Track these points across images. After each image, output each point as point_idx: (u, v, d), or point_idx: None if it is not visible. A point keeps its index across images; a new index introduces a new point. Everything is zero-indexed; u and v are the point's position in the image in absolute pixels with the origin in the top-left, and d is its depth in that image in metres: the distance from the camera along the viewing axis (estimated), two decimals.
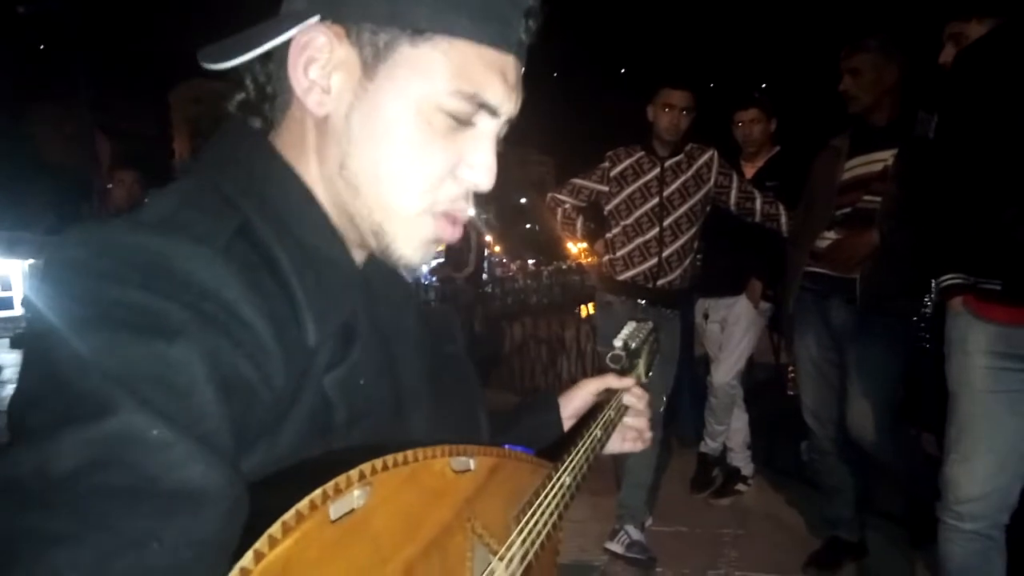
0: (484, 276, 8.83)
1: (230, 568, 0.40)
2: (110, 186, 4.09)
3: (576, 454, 0.80)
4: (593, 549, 2.77)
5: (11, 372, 8.47)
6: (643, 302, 2.82)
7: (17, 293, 19.87)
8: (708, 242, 3.13)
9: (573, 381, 3.43)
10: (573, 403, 0.98)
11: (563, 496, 0.75)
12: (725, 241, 3.11)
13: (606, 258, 2.91)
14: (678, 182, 2.80)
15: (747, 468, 3.51)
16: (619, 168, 2.86)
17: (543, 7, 0.64)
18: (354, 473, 0.48)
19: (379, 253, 0.64)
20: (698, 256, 3.00)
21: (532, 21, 0.63)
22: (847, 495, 2.65)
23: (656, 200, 2.81)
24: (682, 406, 3.68)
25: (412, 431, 0.64)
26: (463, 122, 0.61)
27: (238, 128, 0.64)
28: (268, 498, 0.44)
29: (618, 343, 1.11)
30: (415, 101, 0.59)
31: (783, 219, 2.88)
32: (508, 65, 0.62)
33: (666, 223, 2.81)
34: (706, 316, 3.35)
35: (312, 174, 0.62)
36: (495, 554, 0.61)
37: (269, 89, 0.63)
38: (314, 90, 0.60)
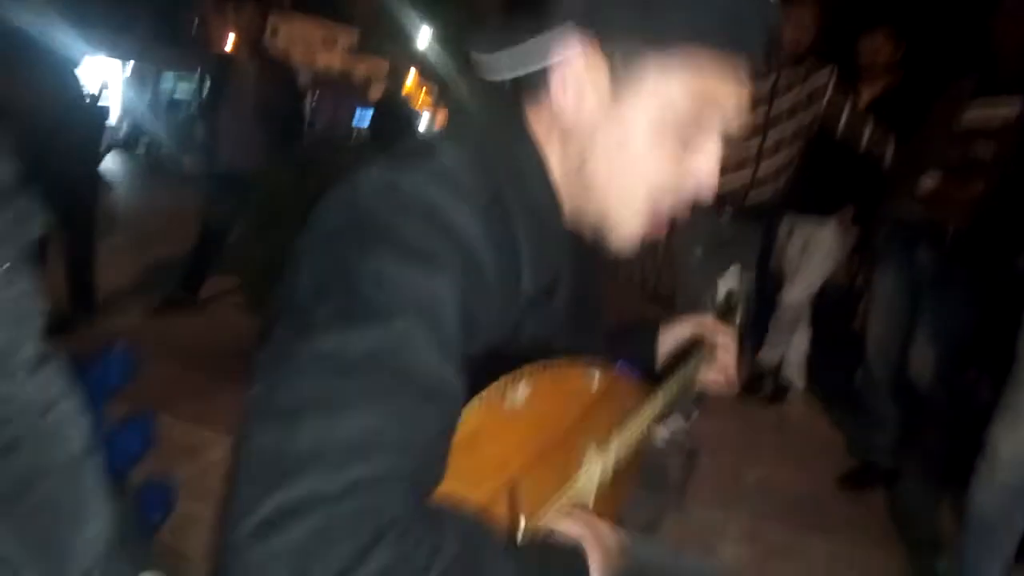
0: None
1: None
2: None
3: (670, 385, 0.94)
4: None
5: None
6: (729, 213, 2.86)
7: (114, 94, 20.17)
8: (807, 160, 3.10)
9: (644, 276, 3.57)
10: (672, 334, 1.10)
11: (654, 414, 0.90)
12: (825, 162, 3.07)
13: None
14: (789, 96, 2.76)
15: (799, 383, 3.65)
16: None
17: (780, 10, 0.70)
18: (524, 371, 0.65)
19: (594, 236, 0.76)
20: (794, 173, 2.99)
21: (772, 23, 0.70)
22: (890, 428, 2.79)
23: (763, 111, 2.78)
24: (748, 314, 3.77)
25: (563, 345, 0.78)
26: (693, 129, 0.69)
27: (501, 101, 0.75)
28: (471, 382, 0.60)
29: (721, 293, 1.23)
30: (655, 122, 0.68)
31: (888, 152, 2.83)
32: (743, 64, 0.69)
33: (769, 136, 2.79)
34: (790, 233, 3.37)
35: (552, 158, 0.73)
36: (598, 450, 0.78)
37: (531, 80, 0.72)
38: (570, 105, 0.70)
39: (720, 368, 1.10)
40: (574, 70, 0.68)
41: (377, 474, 0.50)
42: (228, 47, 3.83)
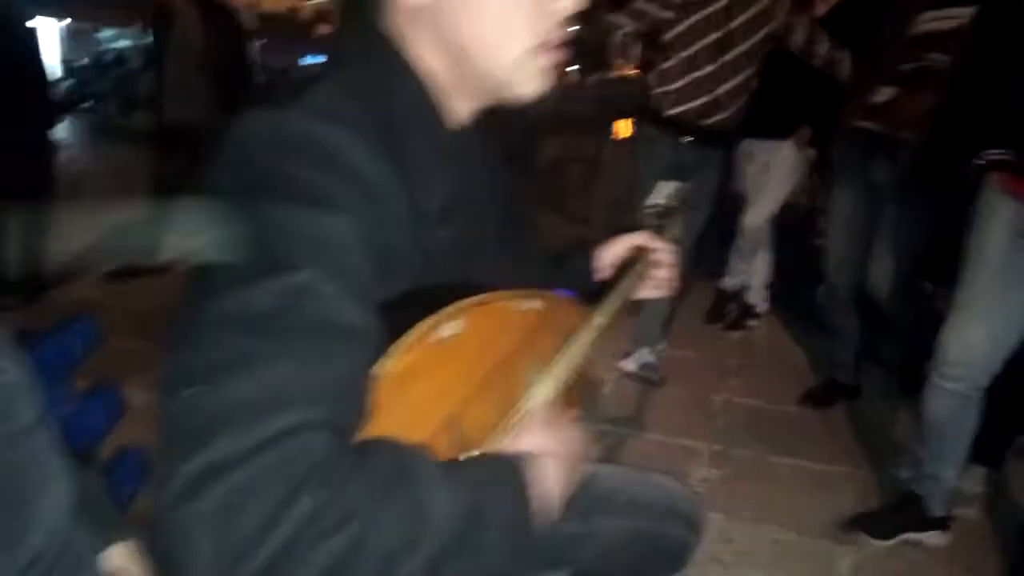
0: None
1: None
2: None
3: (610, 301, 0.93)
4: (607, 366, 3.02)
5: None
6: (689, 139, 2.83)
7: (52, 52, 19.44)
8: (763, 81, 3.06)
9: (607, 206, 3.58)
10: (609, 254, 1.10)
11: (597, 334, 0.89)
12: (781, 82, 3.02)
13: (657, 90, 2.87)
14: (744, 15, 2.69)
15: (762, 306, 3.69)
16: None
17: None
18: (454, 308, 0.63)
19: (501, 101, 0.75)
20: (752, 95, 2.95)
21: None
22: (850, 343, 2.84)
23: (718, 33, 2.71)
24: (708, 241, 3.78)
25: (489, 274, 0.77)
26: None
27: (354, 22, 0.73)
28: (391, 321, 0.59)
29: (656, 201, 1.21)
30: None
31: (845, 67, 2.79)
32: None
33: (726, 58, 2.73)
34: (749, 156, 3.35)
35: (421, 52, 0.71)
36: (542, 374, 0.76)
37: None
38: None
39: (658, 280, 1.10)
40: None
41: (291, 425, 0.50)
42: None
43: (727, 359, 3.29)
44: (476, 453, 0.64)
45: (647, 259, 1.07)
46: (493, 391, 0.69)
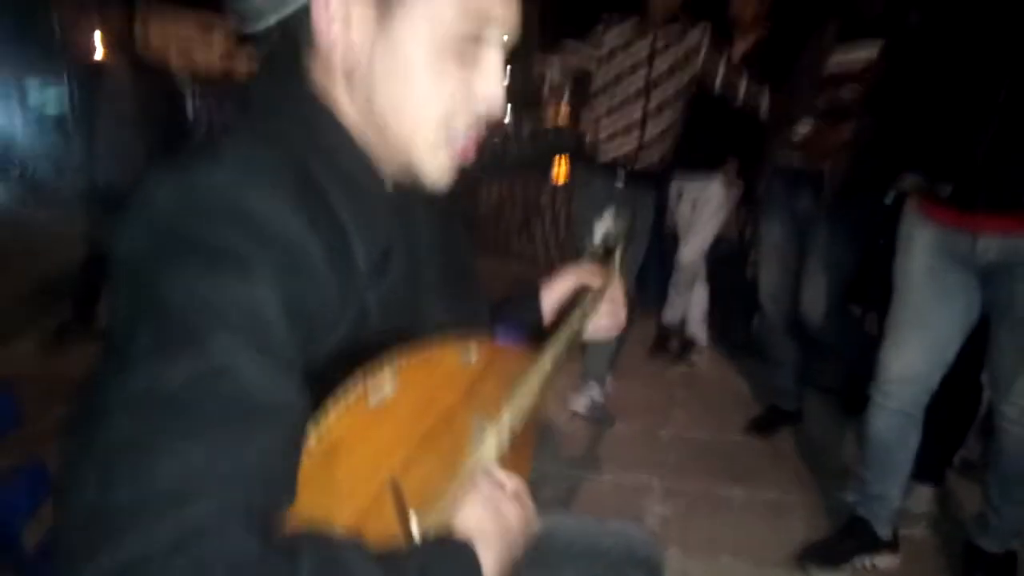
0: None
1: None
2: None
3: (556, 343, 0.91)
4: (555, 408, 3.00)
5: None
6: (622, 182, 2.89)
7: None
8: (689, 122, 3.16)
9: (547, 246, 3.61)
10: (554, 292, 1.08)
11: (545, 378, 0.87)
12: (705, 121, 3.13)
13: (589, 136, 2.93)
14: (667, 59, 2.79)
15: (702, 339, 3.76)
16: (611, 36, 2.81)
17: None
18: (386, 367, 0.59)
19: (408, 180, 0.72)
20: (678, 136, 3.04)
21: None
22: (789, 369, 2.90)
23: (644, 76, 2.80)
24: (648, 278, 3.84)
25: (429, 325, 0.74)
26: (472, 44, 0.68)
27: (278, 72, 0.69)
28: (322, 387, 0.56)
29: (597, 237, 1.21)
30: (428, 32, 0.65)
31: (764, 104, 2.91)
32: None
33: (652, 101, 2.81)
34: (680, 195, 3.45)
35: (345, 111, 0.69)
36: (489, 426, 0.74)
37: (301, 34, 0.67)
38: (338, 41, 0.65)
39: (607, 313, 1.09)
40: (335, 4, 0.64)
41: (207, 518, 0.45)
42: (97, 52, 3.59)
43: (673, 393, 3.32)
44: (426, 517, 0.61)
45: (594, 295, 1.06)
46: (436, 448, 0.66)
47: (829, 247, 2.53)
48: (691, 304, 3.66)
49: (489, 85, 0.70)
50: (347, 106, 0.69)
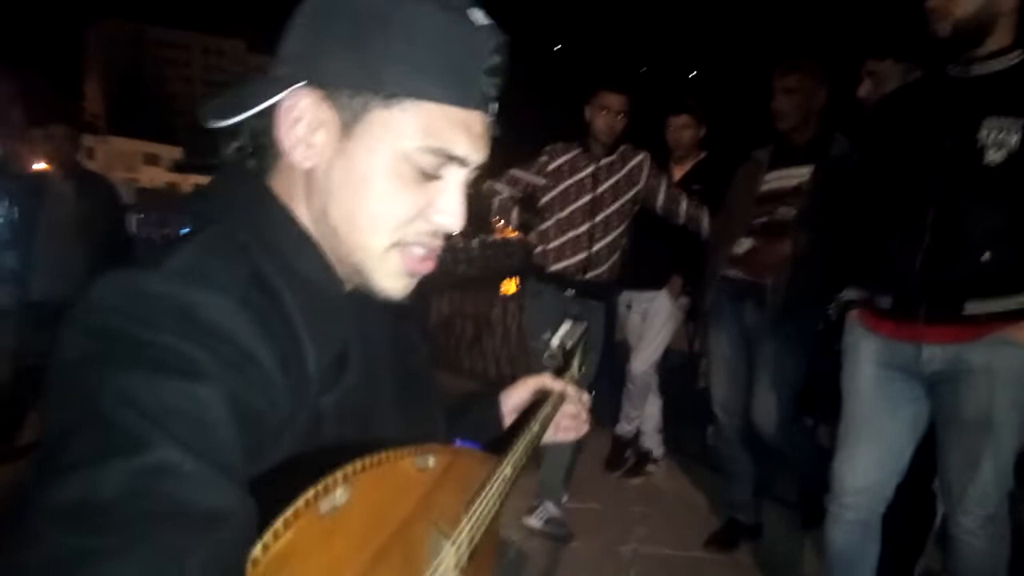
0: None
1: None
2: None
3: (517, 448, 0.90)
4: (512, 525, 2.90)
5: None
6: (572, 293, 2.96)
7: None
8: (634, 239, 3.30)
9: (498, 360, 3.58)
10: (511, 399, 1.08)
11: (504, 485, 0.85)
12: (650, 238, 3.28)
13: (538, 249, 3.03)
14: (611, 181, 2.94)
15: (658, 451, 3.73)
16: (556, 163, 2.98)
17: (508, 63, 0.71)
18: (339, 475, 0.56)
19: (362, 288, 0.72)
20: (625, 251, 3.16)
21: (495, 78, 0.70)
22: (746, 481, 2.88)
23: (589, 197, 2.94)
24: (601, 390, 3.85)
25: (385, 434, 0.73)
26: (431, 176, 0.69)
27: (238, 174, 0.71)
28: (271, 494, 0.53)
29: (555, 342, 1.22)
30: (387, 157, 0.67)
31: (705, 222, 3.06)
32: (474, 119, 0.69)
33: (597, 219, 2.94)
34: (629, 307, 3.53)
35: (304, 216, 0.70)
36: (447, 538, 0.71)
37: (263, 140, 0.69)
38: (300, 145, 0.67)
39: (568, 416, 1.09)
40: (301, 111, 0.66)
41: None
42: (39, 167, 3.60)
43: (631, 508, 3.25)
44: None
45: (554, 399, 1.06)
46: (391, 562, 0.63)
47: (776, 359, 2.59)
48: (645, 416, 3.66)
49: (447, 206, 0.71)
50: (304, 210, 0.70)
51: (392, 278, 0.71)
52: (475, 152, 0.71)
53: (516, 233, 3.38)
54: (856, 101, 2.35)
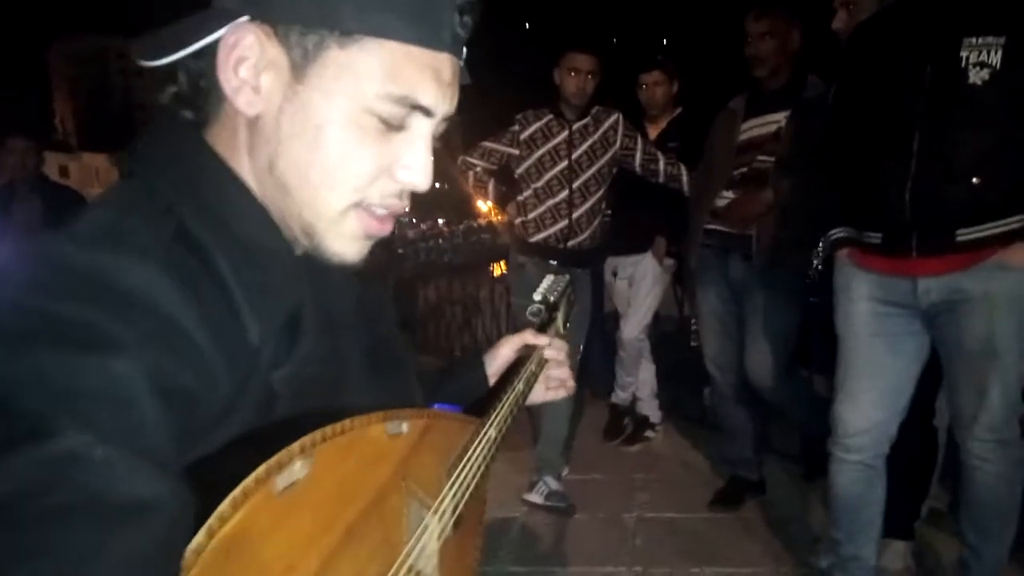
0: (394, 237, 8.77)
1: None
2: None
3: (500, 408, 0.84)
4: (512, 502, 2.86)
5: None
6: (555, 262, 2.89)
7: None
8: (615, 203, 3.24)
9: (489, 341, 3.47)
10: (497, 361, 1.02)
11: (489, 448, 0.79)
12: (631, 201, 3.22)
13: (518, 220, 2.96)
14: (585, 145, 2.87)
15: (655, 416, 3.69)
16: (528, 131, 2.90)
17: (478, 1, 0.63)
18: (295, 447, 0.50)
19: (311, 251, 0.65)
20: (606, 216, 3.10)
21: (467, 16, 0.63)
22: (746, 437, 2.85)
23: (565, 163, 2.87)
24: (594, 360, 3.81)
25: (355, 403, 0.66)
26: (395, 126, 0.61)
27: (171, 124, 0.63)
28: (218, 473, 0.47)
29: (537, 297, 1.16)
30: (344, 104, 0.59)
31: (685, 179, 3.00)
32: (443, 63, 0.62)
33: (575, 185, 2.87)
34: (615, 274, 3.47)
35: (245, 171, 0.62)
36: (428, 508, 0.65)
37: (202, 83, 0.61)
38: (244, 89, 0.59)
39: (552, 379, 1.04)
40: (245, 49, 0.58)
41: None
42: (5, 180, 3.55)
43: (632, 475, 3.21)
44: None
45: (537, 357, 1.01)
46: (366, 539, 0.57)
47: (767, 310, 2.55)
48: (639, 382, 3.62)
49: (415, 157, 0.63)
50: (247, 164, 0.62)
51: (347, 241, 0.64)
52: (444, 101, 0.63)
53: (497, 213, 3.31)
54: (830, 37, 2.28)
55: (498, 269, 6.42)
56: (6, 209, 3.50)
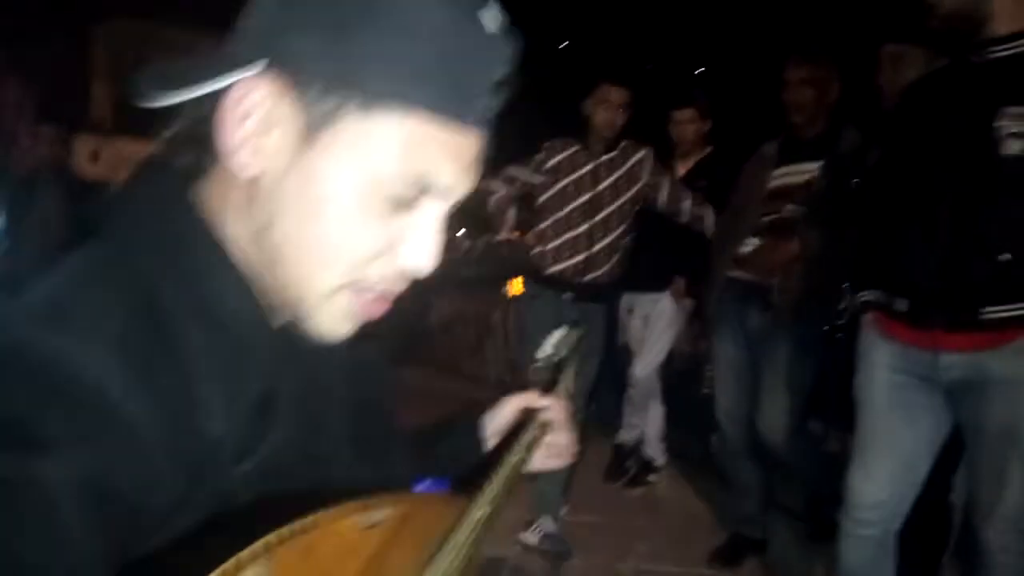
0: None
1: None
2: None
3: (491, 486, 0.78)
4: (505, 540, 2.78)
5: None
6: (570, 296, 2.83)
7: None
8: (635, 239, 3.17)
9: (498, 365, 3.45)
10: (497, 420, 0.96)
11: (477, 530, 0.73)
12: (652, 239, 3.15)
13: (536, 250, 2.90)
14: (611, 179, 2.82)
15: (660, 459, 3.61)
16: (554, 161, 2.85)
17: (517, 76, 0.57)
18: (252, 550, 0.44)
19: (293, 325, 0.58)
20: (626, 252, 3.04)
21: (503, 91, 0.57)
22: (752, 493, 2.76)
23: (588, 196, 2.81)
24: (601, 396, 3.74)
25: (335, 481, 0.60)
26: (405, 205, 0.55)
27: (160, 172, 0.57)
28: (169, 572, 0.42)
29: (543, 355, 1.09)
30: (354, 177, 0.53)
31: (709, 221, 2.93)
32: (467, 142, 0.56)
33: (597, 219, 2.82)
34: (630, 311, 3.40)
35: (233, 233, 0.56)
36: None
37: (202, 130, 0.55)
38: (245, 147, 0.53)
39: (553, 445, 0.96)
40: (253, 103, 0.52)
41: None
42: (27, 171, 3.52)
43: (632, 521, 3.12)
44: None
45: (539, 422, 0.94)
46: None
47: (784, 363, 2.47)
48: (647, 422, 3.54)
49: (422, 240, 0.57)
50: (237, 225, 0.56)
51: (334, 321, 0.58)
52: (462, 183, 0.57)
53: (516, 233, 3.26)
54: (871, 91, 2.22)
55: (517, 287, 6.36)
56: (25, 203, 3.48)
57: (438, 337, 6.42)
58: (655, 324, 3.31)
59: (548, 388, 1.01)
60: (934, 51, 1.87)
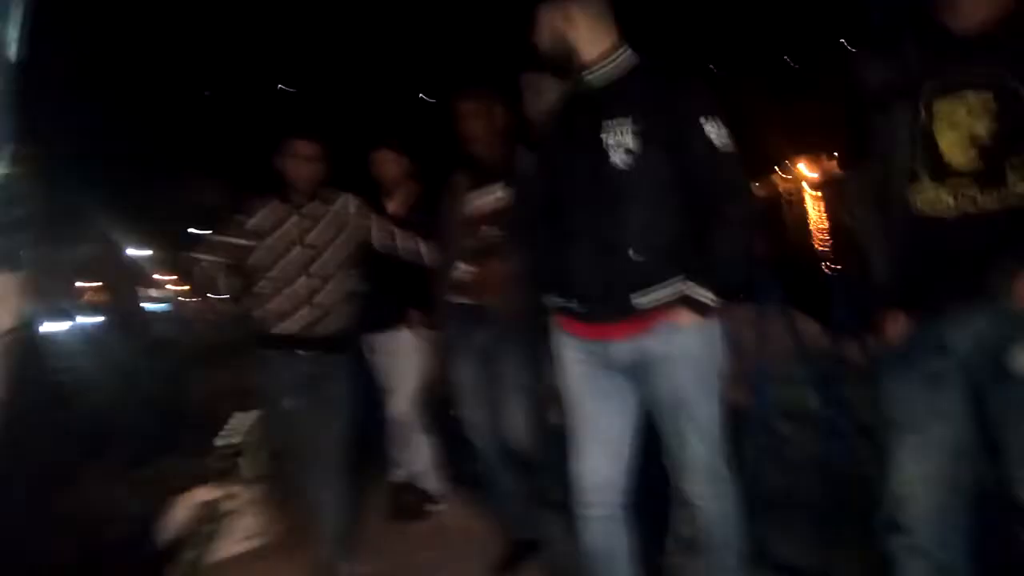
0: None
1: None
2: None
3: None
4: None
5: None
6: (303, 352, 2.78)
7: None
8: (364, 280, 3.19)
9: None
10: (169, 529, 0.91)
11: None
12: (378, 277, 3.18)
13: (257, 312, 2.81)
14: (317, 228, 2.82)
15: (440, 488, 3.62)
16: (256, 219, 2.79)
17: None
18: None
19: None
20: (355, 296, 3.04)
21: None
22: (518, 496, 2.87)
23: (298, 248, 2.79)
24: (368, 441, 3.69)
25: None
26: None
27: None
28: None
29: (222, 441, 1.06)
30: None
31: (423, 251, 3.03)
32: None
33: (312, 270, 2.79)
34: (372, 351, 3.41)
35: None
36: None
37: None
38: None
39: (242, 529, 0.94)
40: None
41: None
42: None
43: (420, 556, 3.08)
44: None
45: (217, 513, 0.90)
46: None
47: (511, 373, 2.63)
48: (415, 456, 3.55)
49: None
50: None
51: None
52: None
53: (230, 299, 3.12)
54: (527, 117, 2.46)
55: None
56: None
57: (201, 420, 5.92)
58: (401, 360, 3.36)
59: (228, 474, 0.98)
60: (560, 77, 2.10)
